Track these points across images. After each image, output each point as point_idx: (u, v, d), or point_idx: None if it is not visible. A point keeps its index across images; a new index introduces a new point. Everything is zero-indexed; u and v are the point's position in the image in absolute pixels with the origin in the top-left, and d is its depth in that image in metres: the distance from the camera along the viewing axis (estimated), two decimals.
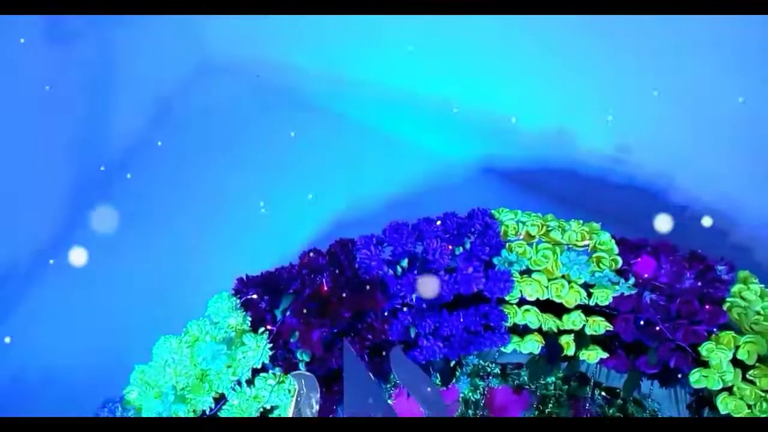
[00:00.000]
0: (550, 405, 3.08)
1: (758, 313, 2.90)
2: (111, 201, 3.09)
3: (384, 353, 2.78)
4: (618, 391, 3.05)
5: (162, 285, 3.03)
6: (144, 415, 2.63)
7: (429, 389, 2.46)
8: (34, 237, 3.08)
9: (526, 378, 3.09)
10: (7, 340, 2.86)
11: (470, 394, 3.08)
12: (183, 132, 3.36)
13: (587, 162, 3.60)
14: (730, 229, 3.55)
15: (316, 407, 2.30)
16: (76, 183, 3.22)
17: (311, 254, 2.90)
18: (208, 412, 2.66)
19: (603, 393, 3.09)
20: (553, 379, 3.10)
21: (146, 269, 3.10)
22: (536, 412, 3.07)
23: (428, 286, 2.77)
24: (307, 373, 2.63)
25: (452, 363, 3.06)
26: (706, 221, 3.44)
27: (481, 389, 3.09)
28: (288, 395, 2.69)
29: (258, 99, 3.58)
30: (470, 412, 3.08)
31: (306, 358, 2.71)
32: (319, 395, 2.28)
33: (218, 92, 3.58)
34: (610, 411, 3.08)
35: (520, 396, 3.13)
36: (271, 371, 2.72)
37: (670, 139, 3.48)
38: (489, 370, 3.11)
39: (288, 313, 2.73)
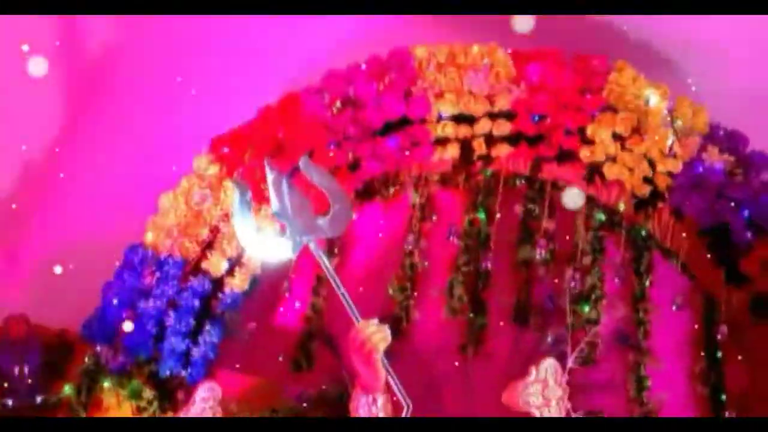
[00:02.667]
0: (481, 197, 3.80)
1: (632, 94, 3.52)
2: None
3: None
4: None
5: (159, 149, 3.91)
6: (160, 250, 3.51)
7: (336, 186, 3.05)
8: None
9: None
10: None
11: (417, 199, 3.83)
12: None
13: None
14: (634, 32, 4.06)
15: (253, 204, 2.83)
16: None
17: (265, 110, 3.65)
18: (207, 242, 3.53)
19: (523, 181, 3.78)
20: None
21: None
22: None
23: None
24: (239, 180, 3.19)
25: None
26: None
27: (425, 194, 3.83)
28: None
29: None
30: (418, 215, 3.82)
31: None
32: (251, 194, 2.83)
33: None
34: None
35: (456, 192, 3.83)
36: None
37: None
38: (429, 178, 3.84)
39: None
